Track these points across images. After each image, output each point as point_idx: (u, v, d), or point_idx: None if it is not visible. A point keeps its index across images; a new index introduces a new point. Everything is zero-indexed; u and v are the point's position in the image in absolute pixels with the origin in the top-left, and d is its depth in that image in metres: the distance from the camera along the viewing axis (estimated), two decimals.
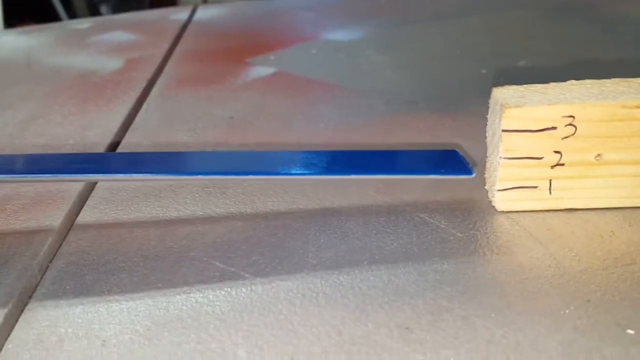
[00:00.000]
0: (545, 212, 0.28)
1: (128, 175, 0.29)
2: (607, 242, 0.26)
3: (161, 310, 0.24)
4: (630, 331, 0.21)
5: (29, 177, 0.29)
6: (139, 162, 0.31)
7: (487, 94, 0.29)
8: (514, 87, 0.28)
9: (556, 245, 0.26)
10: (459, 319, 0.22)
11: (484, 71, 0.46)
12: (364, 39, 0.57)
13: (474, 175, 0.28)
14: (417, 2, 0.68)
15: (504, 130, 0.27)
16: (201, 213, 0.30)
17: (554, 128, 0.26)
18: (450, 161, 0.29)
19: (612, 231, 0.27)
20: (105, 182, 0.33)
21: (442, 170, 0.28)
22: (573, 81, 0.28)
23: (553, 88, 0.28)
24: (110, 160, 0.33)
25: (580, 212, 0.28)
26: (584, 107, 0.26)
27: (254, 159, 0.31)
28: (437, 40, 0.56)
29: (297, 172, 0.28)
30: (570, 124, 0.26)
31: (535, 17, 0.60)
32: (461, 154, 0.29)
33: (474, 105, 0.39)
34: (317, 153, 0.30)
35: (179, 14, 0.72)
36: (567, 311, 0.22)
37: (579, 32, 0.54)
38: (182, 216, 0.30)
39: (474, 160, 0.33)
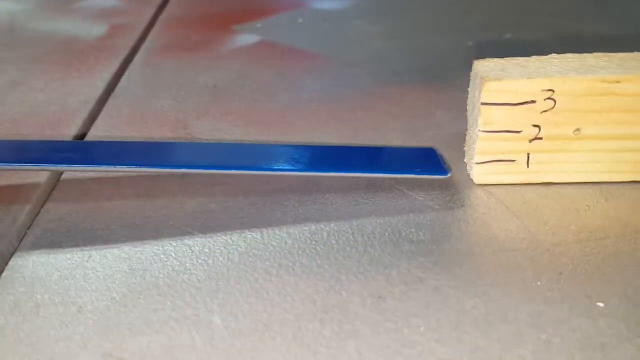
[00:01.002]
0: (523, 186, 0.28)
1: (111, 167, 0.29)
2: (582, 216, 0.26)
3: (137, 278, 0.24)
4: (599, 304, 0.21)
5: (9, 166, 0.29)
6: (123, 153, 0.31)
7: (471, 67, 0.29)
8: (495, 59, 0.28)
9: (531, 218, 0.26)
10: (431, 289, 0.22)
11: (470, 43, 0.46)
12: (353, 8, 0.57)
13: (448, 175, 0.28)
14: None
15: (483, 103, 0.27)
16: (181, 184, 0.30)
17: (533, 102, 0.27)
18: (427, 160, 0.29)
19: (587, 205, 0.27)
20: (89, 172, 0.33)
21: (418, 170, 0.29)
22: (554, 55, 0.28)
23: (534, 61, 0.28)
24: (93, 149, 0.32)
25: (558, 186, 0.28)
26: (563, 81, 0.26)
27: (234, 152, 0.31)
28: (427, 11, 0.55)
29: (278, 167, 0.29)
30: (549, 98, 0.26)
31: None
32: (438, 152, 0.30)
33: (458, 78, 0.39)
34: (295, 148, 0.31)
35: None
36: (538, 283, 0.22)
37: (569, 5, 0.54)
38: (161, 187, 0.30)
39: (454, 135, 0.33)
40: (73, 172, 0.31)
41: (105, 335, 0.21)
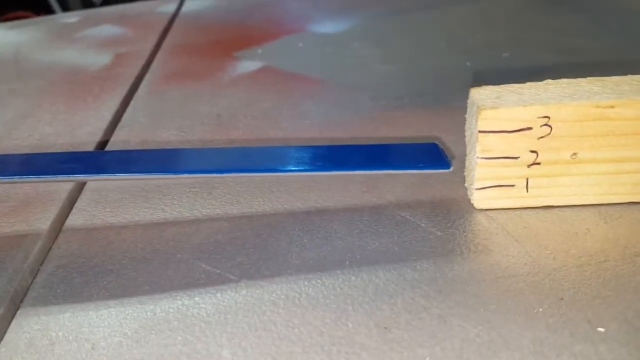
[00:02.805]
0: (523, 210, 0.29)
1: (118, 175, 0.30)
2: (582, 239, 0.27)
3: (148, 313, 0.25)
4: (600, 329, 0.22)
5: (18, 178, 0.30)
6: (128, 161, 0.32)
7: (469, 88, 0.29)
8: (491, 87, 0.29)
9: (532, 243, 0.27)
10: (435, 317, 0.23)
11: (468, 64, 0.47)
12: (351, 31, 0.57)
13: (451, 169, 0.28)
14: None
15: (480, 131, 0.27)
16: (188, 214, 0.31)
17: (529, 128, 0.27)
18: (429, 155, 0.29)
19: (587, 228, 0.27)
20: (94, 182, 0.33)
21: (421, 165, 0.29)
22: (549, 80, 0.29)
23: (529, 88, 0.29)
24: (99, 159, 0.33)
25: (557, 209, 0.29)
26: (558, 108, 0.27)
27: (239, 156, 0.32)
28: (424, 32, 0.56)
29: (281, 169, 0.29)
30: (545, 124, 0.27)
31: (521, 8, 0.60)
32: (441, 147, 0.30)
33: (457, 100, 0.40)
34: (297, 149, 0.31)
35: (166, 6, 0.72)
36: (540, 309, 0.23)
37: (565, 22, 0.55)
38: (169, 218, 0.30)
39: (454, 155, 0.33)
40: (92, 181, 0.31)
41: None
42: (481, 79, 0.43)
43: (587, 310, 0.23)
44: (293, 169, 0.29)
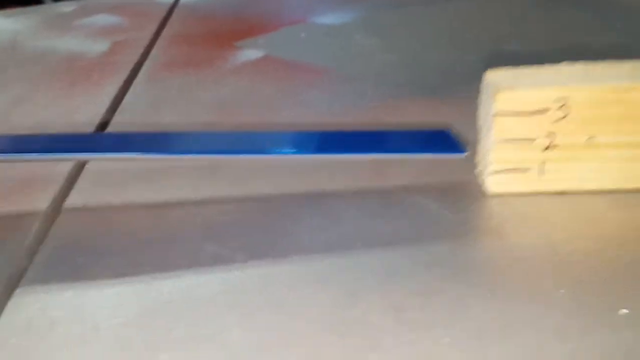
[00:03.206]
0: (536, 195, 0.28)
1: (119, 154, 0.29)
2: (599, 224, 0.26)
3: (152, 294, 0.24)
4: (624, 310, 0.21)
5: (17, 156, 0.29)
6: (129, 141, 0.31)
7: (477, 80, 0.29)
8: (506, 69, 0.28)
9: (548, 227, 0.26)
10: (452, 299, 0.22)
11: (472, 57, 0.46)
12: (354, 23, 0.57)
13: (465, 154, 0.28)
14: None
15: (496, 113, 0.27)
16: (193, 195, 0.30)
17: (546, 111, 0.26)
18: (441, 140, 0.29)
19: (603, 214, 0.27)
20: (95, 162, 0.32)
21: (434, 149, 0.28)
22: (565, 64, 0.28)
23: (545, 71, 0.28)
24: (100, 139, 0.32)
25: (571, 195, 0.28)
26: (576, 90, 0.26)
27: (245, 139, 0.31)
28: (428, 25, 0.55)
29: (288, 151, 0.28)
30: (562, 107, 0.26)
31: (526, 4, 0.60)
32: (452, 133, 0.29)
33: (465, 91, 0.39)
34: (307, 134, 0.30)
35: None
36: (560, 292, 0.22)
37: (570, 18, 0.54)
38: (173, 199, 0.30)
39: (466, 143, 0.33)
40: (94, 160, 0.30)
41: (123, 354, 0.21)
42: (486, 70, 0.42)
43: (609, 294, 0.22)
44: (302, 151, 0.29)
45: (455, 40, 0.51)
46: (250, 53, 0.51)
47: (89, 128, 0.38)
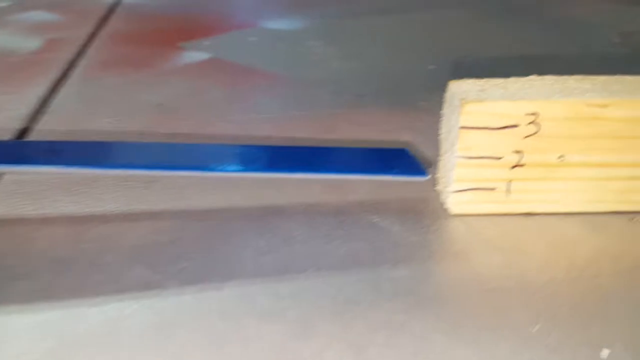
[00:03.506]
0: (501, 217, 0.26)
1: (40, 167, 0.25)
2: (569, 250, 0.24)
3: (71, 326, 0.20)
4: (606, 351, 0.19)
5: None
6: (53, 152, 0.27)
7: (436, 90, 0.27)
8: (472, 80, 0.26)
9: (516, 253, 0.24)
10: (416, 335, 0.20)
11: (431, 67, 0.44)
12: (307, 29, 0.54)
13: (427, 177, 0.26)
14: None
15: (462, 127, 0.24)
16: (121, 210, 0.26)
17: (515, 126, 0.24)
18: (401, 160, 0.26)
19: (574, 239, 0.25)
20: (13, 174, 0.29)
21: (395, 171, 0.26)
22: (534, 76, 0.27)
23: (514, 83, 0.26)
24: (20, 147, 0.29)
25: (538, 217, 0.26)
26: (548, 104, 0.24)
27: (186, 151, 0.28)
28: (383, 35, 0.53)
29: (235, 168, 0.25)
30: (533, 122, 0.24)
31: (478, 17, 0.59)
32: (412, 153, 0.27)
33: (424, 101, 0.37)
34: (257, 147, 0.27)
35: None
36: (535, 328, 0.20)
37: (526, 31, 0.53)
38: (98, 213, 0.26)
39: (426, 159, 0.30)
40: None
41: None
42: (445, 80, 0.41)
43: (587, 331, 0.20)
44: (251, 169, 0.26)
45: (412, 50, 0.49)
46: (194, 55, 0.47)
47: (9, 131, 0.34)
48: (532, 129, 0.25)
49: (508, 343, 0.19)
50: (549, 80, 0.26)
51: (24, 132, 0.34)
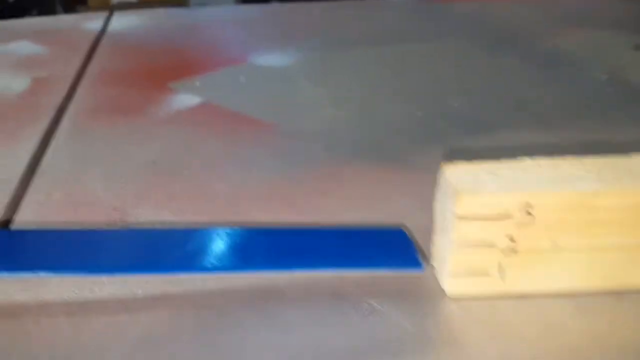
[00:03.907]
0: (498, 299, 0.26)
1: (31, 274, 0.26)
2: (560, 333, 0.25)
3: None
4: None
5: None
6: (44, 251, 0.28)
7: (426, 142, 0.27)
8: (464, 165, 0.26)
9: (510, 338, 0.24)
10: None
11: (419, 113, 0.45)
12: (297, 65, 0.54)
13: (424, 270, 0.26)
14: (349, 22, 0.66)
15: (457, 217, 0.25)
16: (121, 296, 0.26)
17: (509, 216, 0.25)
18: (397, 247, 0.27)
19: (565, 321, 0.25)
20: None
21: (390, 261, 0.26)
22: (526, 160, 0.27)
23: (507, 168, 0.26)
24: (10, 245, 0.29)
25: (532, 298, 0.26)
26: (542, 196, 0.25)
27: (177, 242, 0.28)
28: (370, 71, 0.53)
29: (228, 265, 0.26)
30: (527, 212, 0.25)
31: (469, 49, 0.59)
32: (407, 235, 0.27)
33: (413, 156, 0.38)
34: (249, 234, 0.28)
35: (92, 22, 0.66)
36: None
37: (513, 68, 0.54)
38: (98, 300, 0.26)
39: (420, 232, 0.30)
40: None
41: None
42: (436, 133, 0.41)
43: None
44: (244, 267, 0.26)
45: (401, 92, 0.49)
46: (186, 98, 0.47)
47: (5, 197, 0.34)
48: (526, 218, 0.25)
49: None
50: (542, 164, 0.27)
51: (18, 198, 0.34)
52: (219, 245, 0.28)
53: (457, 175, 0.26)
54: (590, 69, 0.52)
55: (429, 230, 0.28)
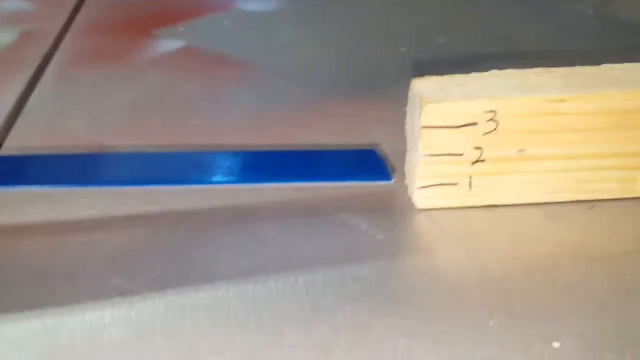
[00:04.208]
0: (466, 209, 0.27)
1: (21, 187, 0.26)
2: (529, 241, 0.25)
3: (51, 336, 0.21)
4: (555, 344, 0.20)
5: None
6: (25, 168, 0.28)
7: (408, 76, 0.27)
8: (434, 78, 0.27)
9: (478, 247, 0.25)
10: (379, 336, 0.21)
11: (403, 49, 0.45)
12: (280, 11, 0.54)
13: (392, 181, 0.27)
14: None
15: (423, 127, 0.25)
16: (98, 217, 0.27)
17: (474, 124, 0.25)
18: (369, 163, 0.27)
19: (533, 229, 0.26)
20: None
21: (360, 175, 0.27)
22: (495, 71, 0.27)
23: (474, 79, 0.27)
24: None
25: (501, 208, 0.27)
26: (506, 102, 0.25)
27: (158, 161, 0.28)
28: (357, 14, 0.53)
29: (205, 179, 0.26)
30: (491, 119, 0.25)
31: None
32: (379, 153, 0.28)
33: (394, 89, 0.37)
34: (226, 155, 0.28)
35: None
36: (491, 323, 0.21)
37: (498, 8, 0.53)
38: (76, 221, 0.27)
39: (396, 154, 0.31)
40: None
41: None
42: (418, 67, 0.41)
43: (540, 324, 0.21)
44: (219, 179, 0.27)
45: (386, 33, 0.49)
46: (168, 43, 0.47)
47: None
48: (491, 125, 0.25)
49: (466, 339, 0.20)
50: (509, 75, 0.27)
51: (1, 137, 0.34)
52: (195, 163, 0.28)
53: (425, 86, 0.26)
54: (575, 2, 0.52)
55: (404, 153, 0.28)
